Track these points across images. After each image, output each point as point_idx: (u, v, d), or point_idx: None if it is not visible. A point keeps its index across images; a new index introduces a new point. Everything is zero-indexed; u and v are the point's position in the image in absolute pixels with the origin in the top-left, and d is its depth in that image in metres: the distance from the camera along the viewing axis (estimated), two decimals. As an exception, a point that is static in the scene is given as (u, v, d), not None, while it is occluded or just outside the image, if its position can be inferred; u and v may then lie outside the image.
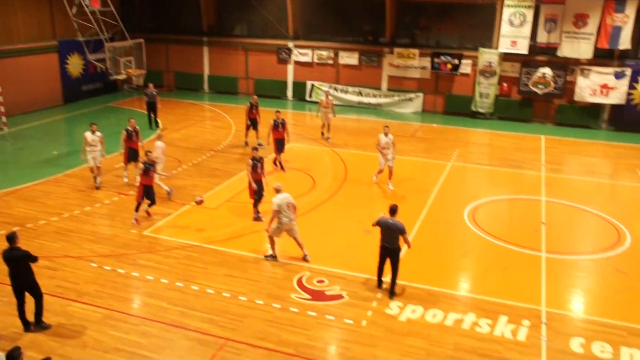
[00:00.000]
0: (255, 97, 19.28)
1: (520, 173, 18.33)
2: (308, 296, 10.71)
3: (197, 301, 10.49)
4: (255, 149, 14.20)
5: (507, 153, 20.56)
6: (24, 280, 9.34)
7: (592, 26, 23.04)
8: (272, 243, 12.01)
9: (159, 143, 15.67)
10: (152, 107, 22.45)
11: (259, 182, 13.87)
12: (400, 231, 10.57)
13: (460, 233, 13.69)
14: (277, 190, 11.90)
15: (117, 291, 10.81)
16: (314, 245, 12.76)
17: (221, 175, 17.05)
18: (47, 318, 9.75)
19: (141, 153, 15.46)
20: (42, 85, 25.59)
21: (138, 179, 13.80)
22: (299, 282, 11.16)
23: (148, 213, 13.95)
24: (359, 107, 27.20)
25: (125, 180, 16.25)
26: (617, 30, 22.69)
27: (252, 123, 19.71)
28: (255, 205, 14.02)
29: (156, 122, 22.58)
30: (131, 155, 16.02)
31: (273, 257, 12.04)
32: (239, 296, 10.65)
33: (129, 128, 15.96)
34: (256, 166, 13.78)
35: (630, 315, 10.34)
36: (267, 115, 25.36)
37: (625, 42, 22.74)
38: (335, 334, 9.66)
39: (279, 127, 17.42)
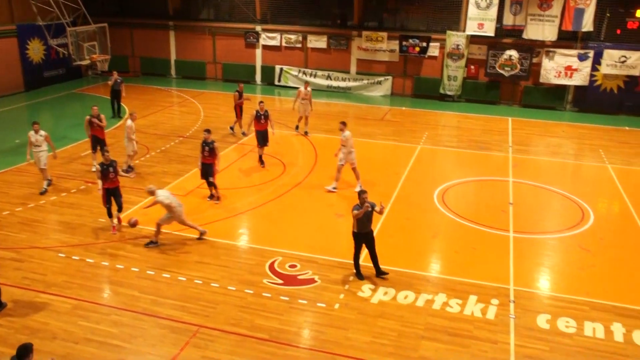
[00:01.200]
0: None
1: (488, 155, 18.60)
2: (280, 281, 10.74)
3: (169, 289, 10.42)
4: (207, 131, 13.96)
5: (475, 135, 20.83)
6: None
7: (556, 8, 23.38)
8: (158, 232, 11.88)
9: (128, 122, 15.37)
10: (116, 95, 21.74)
11: (206, 165, 13.86)
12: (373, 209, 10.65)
13: (430, 215, 13.86)
14: (151, 192, 11.77)
15: (86, 281, 10.66)
16: (286, 230, 12.78)
17: (191, 162, 16.85)
18: (14, 310, 9.60)
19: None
20: (1, 72, 24.79)
21: (99, 182, 12.38)
22: (271, 267, 11.18)
23: (118, 219, 12.74)
24: (328, 90, 27.15)
25: (94, 169, 15.69)
26: (580, 12, 23.07)
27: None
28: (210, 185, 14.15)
29: (119, 111, 21.95)
30: (95, 143, 15.71)
31: (154, 243, 11.90)
32: (211, 283, 10.62)
33: (92, 115, 15.65)
34: (204, 149, 13.68)
35: (593, 290, 10.67)
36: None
37: (588, 24, 23.15)
38: (308, 317, 9.72)
39: (261, 119, 16.51)
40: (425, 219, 13.70)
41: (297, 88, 27.22)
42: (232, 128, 19.97)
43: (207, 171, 13.87)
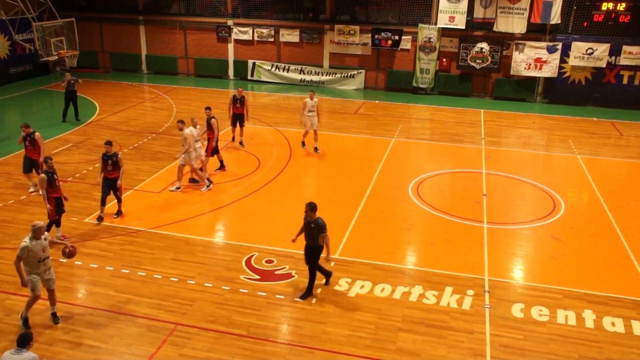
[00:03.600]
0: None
1: (461, 147, 18.81)
2: (257, 277, 10.72)
3: (145, 287, 10.32)
4: (108, 143, 12.53)
5: (448, 127, 21.04)
6: None
7: (525, 1, 23.70)
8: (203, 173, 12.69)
9: (188, 130, 14.07)
10: (71, 97, 20.10)
11: (109, 181, 12.57)
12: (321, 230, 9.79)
13: (405, 207, 13.97)
14: (182, 123, 12.97)
15: (59, 281, 10.40)
16: (261, 226, 12.75)
17: (164, 158, 16.68)
18: (-15, 313, 9.42)
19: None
20: (-34, 69, 24.17)
21: (44, 192, 11.39)
22: (248, 263, 11.15)
23: (64, 237, 11.91)
24: (302, 85, 27.10)
25: (31, 190, 14.15)
26: (549, 5, 23.43)
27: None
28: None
29: (77, 115, 20.43)
30: (27, 164, 13.98)
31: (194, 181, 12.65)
32: (187, 280, 10.54)
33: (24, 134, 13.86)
34: (106, 164, 12.43)
35: (565, 279, 10.90)
36: (213, 95, 25.01)
37: (556, 16, 23.53)
38: (285, 312, 9.72)
39: (237, 103, 17.34)
40: (400, 211, 13.80)
41: (270, 83, 27.32)
42: (241, 143, 18.17)
43: (113, 186, 12.66)
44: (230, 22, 27.79)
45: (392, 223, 13.20)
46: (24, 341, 6.90)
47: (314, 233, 9.72)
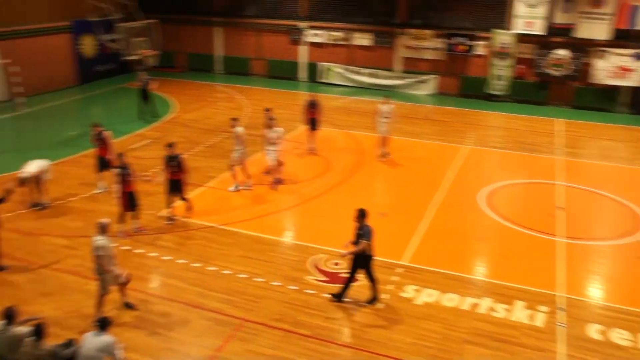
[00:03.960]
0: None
1: (536, 157, 18.19)
2: (324, 278, 10.77)
3: (215, 282, 10.59)
4: (170, 145, 12.68)
5: (522, 136, 20.40)
6: None
7: (609, 6, 22.64)
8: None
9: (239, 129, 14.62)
10: (145, 95, 20.78)
11: (173, 182, 12.64)
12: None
13: (475, 217, 13.66)
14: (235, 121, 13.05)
15: (135, 270, 10.87)
16: (330, 228, 12.80)
17: (236, 157, 17.06)
18: (66, 296, 9.95)
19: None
20: (57, 66, 25.65)
21: (117, 187, 12.01)
22: (315, 264, 11.22)
23: (140, 229, 12.37)
24: (372, 88, 27.01)
25: (97, 191, 14.47)
26: (636, 9, 22.28)
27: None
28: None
29: (152, 113, 21.13)
30: (102, 164, 14.24)
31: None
32: (255, 277, 10.73)
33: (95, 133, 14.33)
34: (170, 165, 12.49)
35: (648, 301, 10.33)
36: (284, 97, 25.36)
37: (644, 22, 22.37)
38: (351, 316, 9.72)
39: (311, 108, 17.38)
40: (470, 220, 13.50)
41: (341, 86, 27.41)
42: (312, 149, 17.87)
43: (176, 187, 12.73)
44: (303, 25, 28.10)
45: (461, 232, 12.94)
46: (104, 325, 7.26)
47: (360, 239, 9.61)
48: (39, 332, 7.19)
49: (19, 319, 7.57)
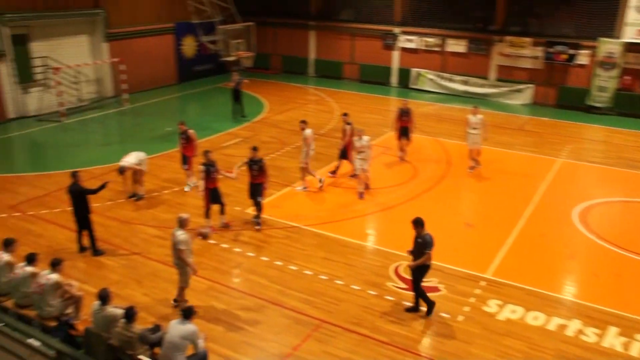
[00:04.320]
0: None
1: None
2: (404, 286, 10.64)
3: (295, 281, 10.75)
4: (254, 149, 12.70)
5: (625, 151, 19.16)
6: (80, 211, 11.26)
7: None
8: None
9: (307, 131, 15.02)
10: (237, 95, 21.50)
11: (254, 186, 12.68)
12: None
13: (568, 233, 12.99)
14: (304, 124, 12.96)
15: (220, 264, 11.32)
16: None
17: (323, 159, 17.22)
18: (156, 284, 10.46)
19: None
20: (160, 65, 27.14)
21: (201, 183, 12.45)
22: (396, 271, 11.12)
23: (212, 228, 12.64)
24: (465, 96, 26.39)
25: (187, 189, 15.06)
26: None
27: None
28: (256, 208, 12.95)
29: (242, 112, 21.81)
30: (185, 162, 14.85)
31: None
32: (336, 280, 10.79)
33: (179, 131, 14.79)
34: (252, 169, 12.55)
35: None
36: (375, 102, 25.35)
37: None
38: (430, 326, 9.54)
39: (403, 116, 16.87)
40: (562, 237, 12.86)
41: (433, 92, 27.00)
42: (402, 157, 17.57)
43: (256, 191, 12.73)
44: (397, 30, 27.95)
45: (552, 248, 12.34)
46: (188, 314, 7.57)
47: (420, 249, 9.41)
48: (129, 315, 7.61)
49: (112, 301, 8.05)
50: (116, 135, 20.91)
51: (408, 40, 27.76)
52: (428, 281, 10.76)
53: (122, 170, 13.69)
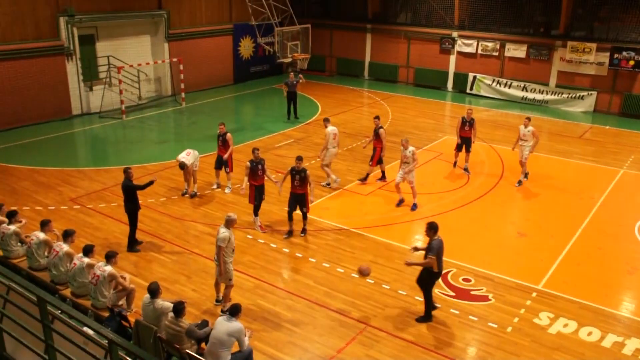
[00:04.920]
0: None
1: None
2: (452, 293, 10.47)
3: (342, 283, 10.74)
4: (299, 158, 12.35)
5: (693, 164, 18.21)
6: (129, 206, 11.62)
7: None
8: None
9: (330, 128, 15.23)
10: (291, 97, 21.76)
11: (296, 196, 12.37)
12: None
13: (628, 248, 12.44)
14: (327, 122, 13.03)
15: (268, 264, 11.44)
16: (463, 242, 12.42)
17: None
18: (204, 280, 10.71)
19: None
20: (217, 66, 27.72)
21: (245, 179, 12.74)
22: (444, 278, 10.94)
23: (261, 227, 12.86)
24: (523, 103, 25.74)
25: (214, 186, 15.27)
26: None
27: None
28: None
29: (295, 113, 22.04)
30: (218, 163, 14.97)
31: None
32: (382, 284, 10.72)
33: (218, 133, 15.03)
34: (294, 178, 12.22)
35: None
36: (429, 106, 25.09)
37: None
38: (477, 335, 9.35)
39: (465, 126, 16.12)
40: (621, 251, 12.33)
41: (489, 98, 26.45)
42: (466, 169, 16.73)
43: (299, 201, 12.42)
44: (455, 34, 27.54)
45: (610, 262, 11.86)
46: (234, 311, 7.70)
47: (426, 253, 9.30)
48: (178, 309, 7.79)
49: (161, 294, 8.27)
50: (172, 134, 21.49)
51: (465, 45, 27.30)
52: (478, 289, 10.58)
53: (182, 166, 14.04)
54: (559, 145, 19.70)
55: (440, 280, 10.84)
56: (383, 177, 15.91)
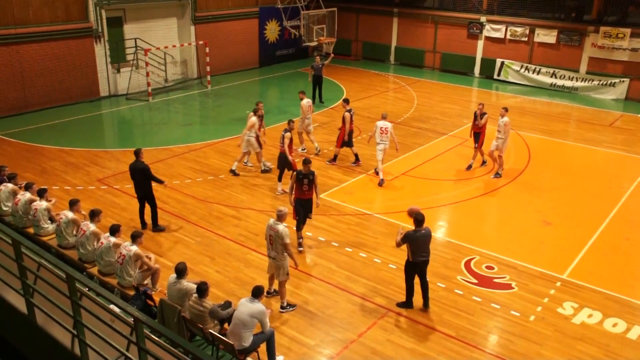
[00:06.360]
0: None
1: None
2: (475, 280, 10.42)
3: (364, 268, 10.77)
4: (306, 162, 11.05)
5: None
6: (142, 189, 11.68)
7: None
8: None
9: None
10: (317, 81, 21.70)
11: (303, 202, 11.18)
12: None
13: (657, 239, 12.23)
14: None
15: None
16: (487, 230, 12.33)
17: (399, 148, 17.04)
18: (228, 262, 10.79)
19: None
20: (243, 49, 27.73)
21: (290, 190, 11.26)
22: (467, 265, 10.89)
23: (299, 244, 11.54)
24: (551, 89, 25.25)
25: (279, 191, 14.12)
26: None
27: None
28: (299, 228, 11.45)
29: (320, 97, 22.02)
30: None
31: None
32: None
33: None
34: (302, 183, 11.00)
35: None
36: (455, 92, 24.82)
37: None
38: (499, 323, 9.30)
39: (476, 120, 15.25)
40: (650, 242, 12.13)
41: (517, 84, 26.04)
42: (484, 162, 15.99)
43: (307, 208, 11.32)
44: (483, 19, 27.08)
45: (637, 253, 11.66)
46: (257, 293, 7.78)
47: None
48: (201, 290, 7.91)
49: (187, 275, 8.39)
50: (198, 116, 21.63)
51: (494, 30, 26.82)
52: (501, 277, 10.51)
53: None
54: (588, 133, 19.33)
55: (462, 267, 10.83)
56: (357, 161, 15.78)
